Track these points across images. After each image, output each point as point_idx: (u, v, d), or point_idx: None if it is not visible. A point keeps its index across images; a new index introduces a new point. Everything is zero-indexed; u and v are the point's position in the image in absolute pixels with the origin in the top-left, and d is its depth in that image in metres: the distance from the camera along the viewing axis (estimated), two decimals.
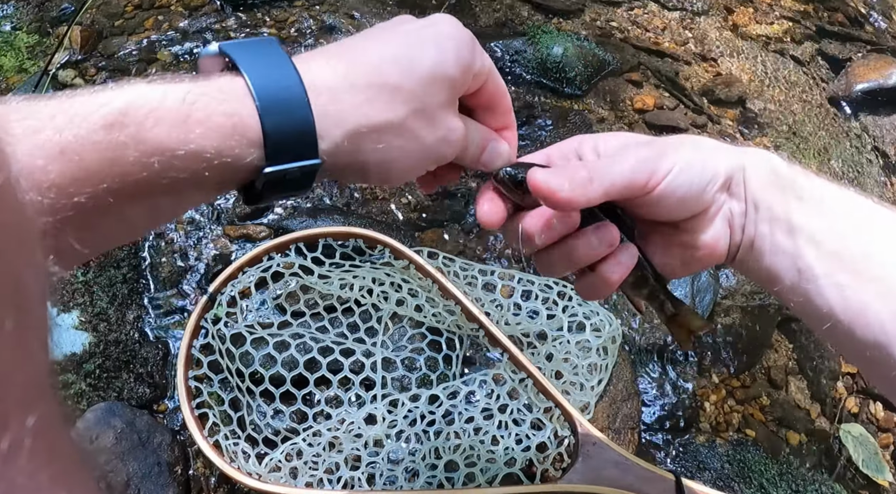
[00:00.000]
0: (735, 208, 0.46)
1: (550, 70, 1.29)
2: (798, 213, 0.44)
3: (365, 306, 0.89)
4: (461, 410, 0.84)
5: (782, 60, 1.58)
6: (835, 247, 0.43)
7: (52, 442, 0.27)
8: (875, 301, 0.41)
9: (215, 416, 0.83)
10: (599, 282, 0.47)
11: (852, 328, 0.42)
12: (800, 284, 0.44)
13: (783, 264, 0.44)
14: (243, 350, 0.84)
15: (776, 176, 0.45)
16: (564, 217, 0.45)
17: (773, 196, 0.45)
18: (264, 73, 0.37)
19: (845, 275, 0.42)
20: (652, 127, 1.31)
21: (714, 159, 0.45)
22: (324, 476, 0.80)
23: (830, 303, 0.43)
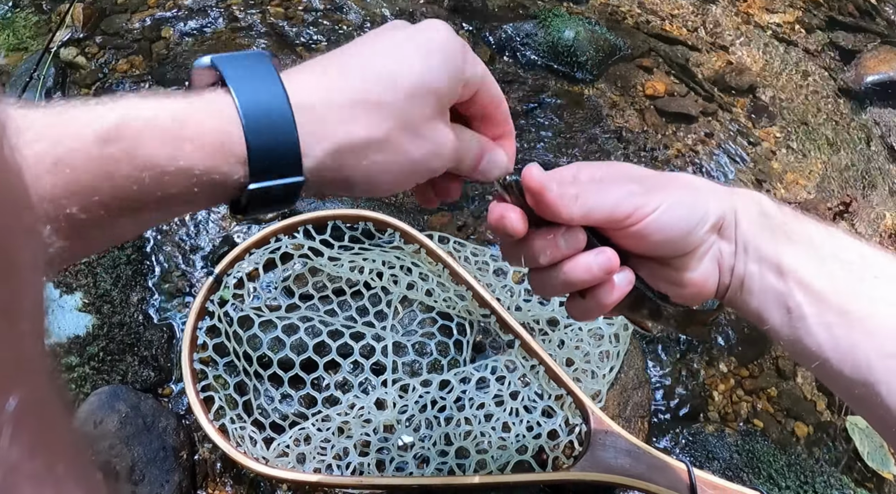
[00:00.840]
0: (725, 248, 0.47)
1: (561, 54, 1.27)
2: (787, 254, 0.45)
3: (374, 290, 0.87)
4: (472, 396, 0.82)
5: (793, 50, 1.56)
6: (823, 287, 0.44)
7: (41, 430, 0.25)
8: (863, 341, 0.42)
9: (221, 400, 0.82)
10: (592, 305, 0.47)
11: (841, 366, 0.43)
12: (789, 322, 0.45)
13: (773, 304, 0.45)
14: (251, 333, 0.82)
15: (765, 218, 0.46)
16: (571, 237, 0.45)
17: (763, 237, 0.46)
18: (252, 91, 0.37)
19: (833, 315, 0.43)
20: (663, 113, 1.29)
21: (705, 201, 0.46)
22: (332, 461, 0.78)
23: (819, 342, 0.43)
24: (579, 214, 0.44)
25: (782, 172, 1.35)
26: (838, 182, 1.38)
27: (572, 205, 0.44)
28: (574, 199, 0.44)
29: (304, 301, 0.87)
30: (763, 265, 0.45)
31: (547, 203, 0.43)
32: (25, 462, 0.23)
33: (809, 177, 1.36)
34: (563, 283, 0.46)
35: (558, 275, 0.46)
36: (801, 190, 1.34)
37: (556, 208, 0.43)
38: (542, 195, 0.43)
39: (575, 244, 0.45)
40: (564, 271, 0.45)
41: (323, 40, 1.25)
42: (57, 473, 0.25)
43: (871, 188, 1.41)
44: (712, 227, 0.46)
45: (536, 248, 0.45)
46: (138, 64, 1.18)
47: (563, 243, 0.45)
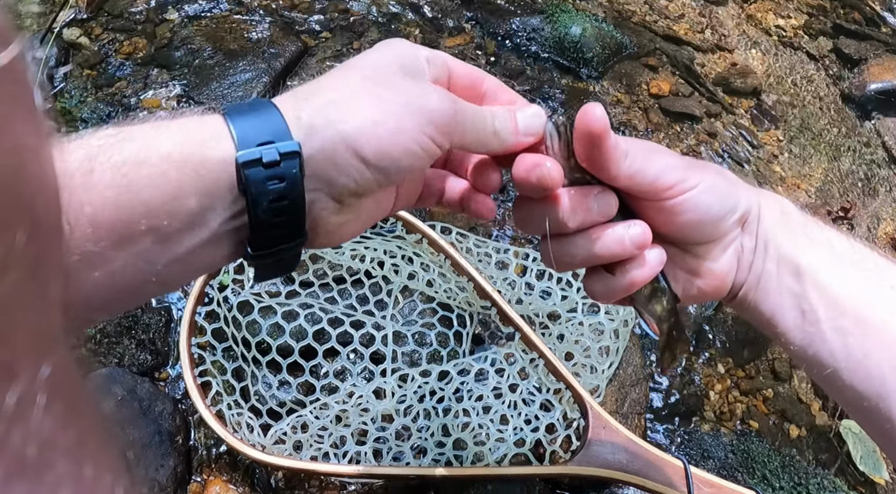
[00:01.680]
0: (747, 243, 0.45)
1: (568, 50, 1.27)
2: (806, 255, 0.44)
3: (375, 279, 0.87)
4: (471, 387, 0.82)
5: (798, 55, 1.56)
6: (841, 292, 0.42)
7: (71, 401, 0.23)
8: (877, 351, 0.41)
9: (218, 385, 0.81)
10: (621, 282, 0.44)
11: (852, 376, 0.42)
12: (803, 326, 0.43)
13: (787, 305, 0.44)
14: (250, 319, 0.82)
15: (787, 218, 0.45)
16: (604, 201, 0.42)
17: (784, 236, 0.45)
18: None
19: (849, 321, 0.42)
20: (667, 113, 1.29)
21: (736, 191, 0.44)
22: (329, 449, 0.78)
23: (832, 348, 0.42)
24: (627, 173, 0.40)
25: (784, 176, 1.35)
26: (839, 188, 1.38)
27: (623, 161, 0.40)
28: (624, 155, 0.40)
29: (305, 288, 0.87)
30: (781, 264, 0.44)
31: (603, 151, 0.39)
32: (59, 435, 0.22)
33: (810, 181, 1.37)
34: (589, 253, 0.42)
35: (585, 244, 0.42)
36: (802, 194, 1.35)
37: (608, 159, 0.40)
38: (602, 139, 0.39)
39: (607, 210, 0.42)
40: (593, 240, 0.42)
41: (328, 28, 1.24)
42: (89, 448, 0.24)
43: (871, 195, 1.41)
44: (740, 218, 0.44)
45: (566, 209, 0.41)
46: (142, 47, 1.18)
47: (596, 207, 0.42)
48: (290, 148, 0.36)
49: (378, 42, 0.41)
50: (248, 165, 0.36)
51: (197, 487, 0.81)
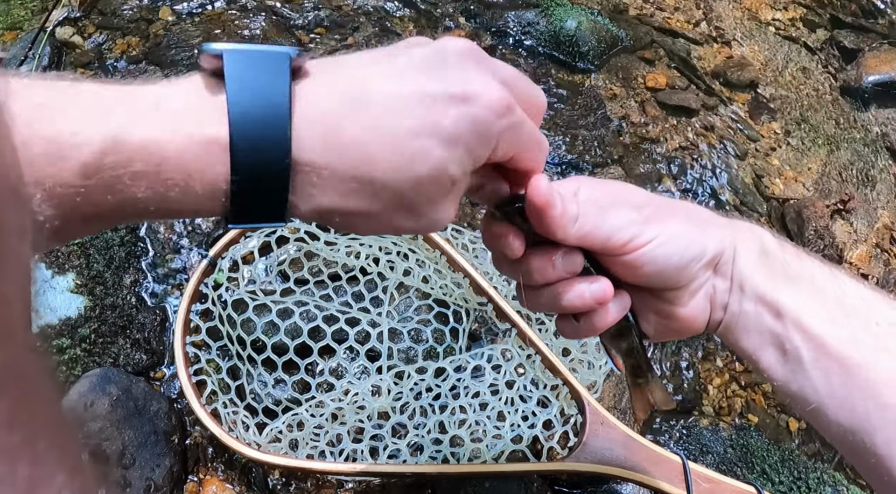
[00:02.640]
0: (719, 285, 0.45)
1: (563, 44, 1.26)
2: (786, 295, 0.43)
3: (370, 276, 0.86)
4: (467, 384, 0.81)
5: (795, 47, 1.56)
6: (823, 331, 0.42)
7: (21, 403, 0.23)
8: (861, 389, 0.41)
9: (213, 384, 0.81)
10: (584, 328, 0.46)
11: (837, 413, 0.42)
12: (784, 365, 0.43)
13: (768, 344, 0.44)
14: (245, 317, 0.81)
15: (766, 256, 0.45)
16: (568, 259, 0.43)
17: (762, 275, 0.44)
18: (252, 133, 0.33)
19: (832, 361, 0.42)
20: (663, 106, 1.29)
21: (703, 236, 0.44)
22: (325, 447, 0.78)
23: (816, 386, 0.42)
24: (576, 236, 0.42)
25: (781, 169, 1.34)
26: (837, 180, 1.38)
27: (570, 226, 0.42)
28: (573, 220, 0.42)
29: (300, 286, 0.86)
30: (760, 305, 0.44)
31: (549, 222, 0.41)
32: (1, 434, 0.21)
33: (808, 174, 1.36)
34: (554, 305, 0.45)
35: (550, 296, 0.44)
36: (800, 187, 1.34)
37: (555, 228, 0.41)
38: (545, 211, 0.41)
39: (571, 267, 0.44)
40: (558, 294, 0.44)
41: (321, 24, 1.23)
42: (36, 449, 0.23)
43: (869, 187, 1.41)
44: (708, 263, 0.44)
45: (532, 267, 0.43)
46: (135, 44, 1.17)
47: (561, 265, 0.43)
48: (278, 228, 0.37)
49: (371, 40, 0.41)
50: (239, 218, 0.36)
51: (193, 486, 0.81)
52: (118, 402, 0.81)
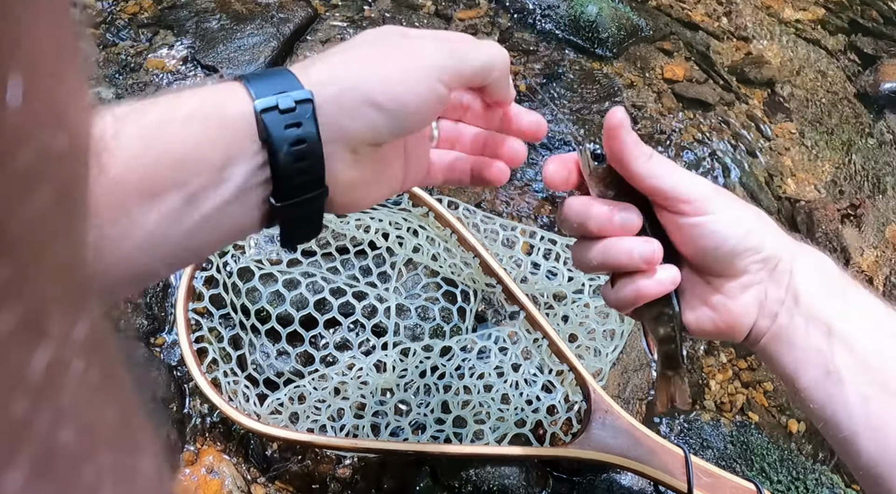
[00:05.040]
0: (772, 292, 0.45)
1: (583, 29, 1.24)
2: (840, 317, 0.44)
3: (379, 250, 0.85)
4: (473, 365, 0.80)
5: (814, 49, 1.54)
6: (870, 358, 0.43)
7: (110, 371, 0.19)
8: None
9: (215, 352, 0.80)
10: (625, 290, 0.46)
11: (869, 443, 0.42)
12: (825, 386, 0.43)
13: (812, 362, 0.44)
14: (250, 286, 0.80)
15: (826, 277, 0.45)
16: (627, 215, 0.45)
17: (819, 294, 0.45)
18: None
19: (874, 387, 0.42)
20: (680, 98, 1.27)
21: (763, 232, 0.45)
22: (326, 422, 0.76)
23: (852, 412, 0.42)
24: (646, 172, 0.43)
25: (794, 170, 1.33)
26: (849, 184, 1.37)
27: (643, 159, 0.43)
28: (648, 157, 0.43)
29: (307, 257, 0.85)
30: (811, 322, 0.44)
31: (623, 144, 0.42)
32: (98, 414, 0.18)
33: (820, 176, 1.35)
34: (601, 258, 0.45)
35: (599, 248, 0.45)
36: (812, 188, 1.33)
37: (629, 153, 0.43)
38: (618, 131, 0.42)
39: (629, 224, 0.45)
40: (607, 247, 0.45)
41: None
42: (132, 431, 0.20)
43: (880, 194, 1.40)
44: (763, 261, 0.44)
45: (592, 213, 0.45)
46: (147, 6, 1.15)
47: (618, 219, 0.45)
48: (303, 96, 0.38)
49: (387, 13, 0.45)
50: (265, 111, 0.37)
51: (190, 456, 0.80)
52: None
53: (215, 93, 0.39)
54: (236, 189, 0.38)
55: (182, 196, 0.36)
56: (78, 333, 0.17)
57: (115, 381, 0.20)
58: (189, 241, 0.38)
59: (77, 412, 0.17)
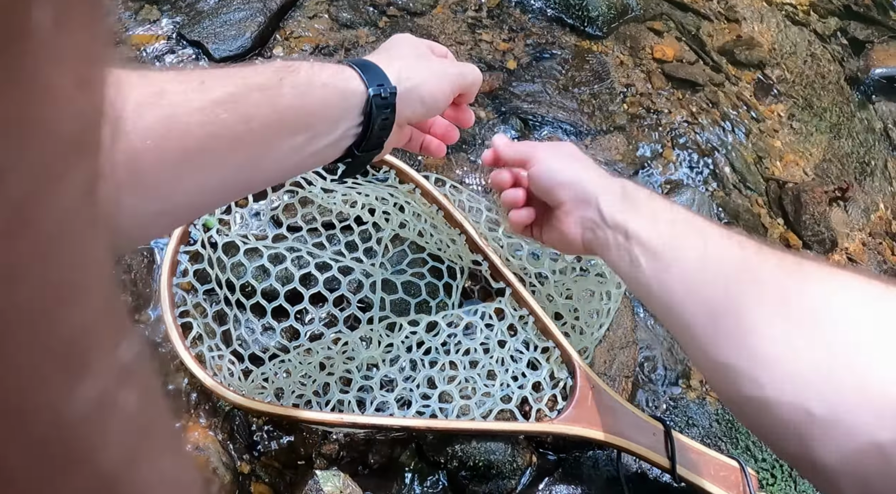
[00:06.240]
0: (586, 214, 0.65)
1: (573, 7, 1.23)
2: (633, 221, 0.61)
3: (366, 226, 0.84)
4: (459, 340, 0.80)
5: (805, 32, 1.54)
6: (654, 244, 0.59)
7: (150, 392, 0.19)
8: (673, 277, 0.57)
9: (199, 327, 0.79)
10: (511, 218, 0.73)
11: (661, 298, 0.57)
12: (631, 270, 0.60)
13: (622, 257, 0.61)
14: (235, 260, 0.79)
15: (624, 196, 0.64)
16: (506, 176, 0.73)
17: (616, 210, 0.63)
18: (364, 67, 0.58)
19: (658, 261, 0.58)
20: (670, 78, 1.27)
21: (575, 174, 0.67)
22: (312, 397, 0.76)
23: (649, 281, 0.58)
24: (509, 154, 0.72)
25: (782, 151, 1.33)
26: (837, 168, 1.37)
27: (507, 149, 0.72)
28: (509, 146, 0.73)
29: (292, 233, 0.84)
30: (616, 230, 0.62)
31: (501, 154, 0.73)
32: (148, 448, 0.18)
33: (809, 159, 1.35)
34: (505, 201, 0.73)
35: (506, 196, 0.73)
36: (799, 171, 1.33)
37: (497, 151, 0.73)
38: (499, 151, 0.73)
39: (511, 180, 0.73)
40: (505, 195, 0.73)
41: None
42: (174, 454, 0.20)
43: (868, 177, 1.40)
44: (575, 193, 0.66)
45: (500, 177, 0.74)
46: None
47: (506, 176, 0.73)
48: (393, 89, 0.57)
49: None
50: (374, 97, 0.56)
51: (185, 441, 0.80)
52: None
53: (339, 72, 0.55)
54: (338, 137, 0.55)
55: (308, 135, 0.51)
56: (124, 354, 0.16)
57: (154, 401, 0.19)
58: (299, 164, 0.54)
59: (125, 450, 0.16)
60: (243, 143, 0.46)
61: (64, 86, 0.14)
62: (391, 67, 0.59)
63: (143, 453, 0.18)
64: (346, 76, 0.56)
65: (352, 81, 0.56)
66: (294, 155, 0.52)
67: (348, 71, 0.56)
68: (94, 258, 0.16)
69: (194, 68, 0.69)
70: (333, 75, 0.55)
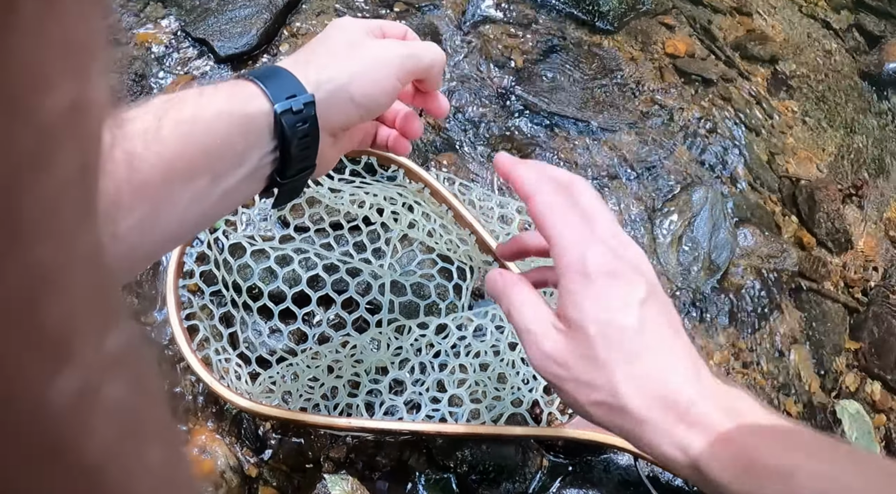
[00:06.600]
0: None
1: (583, 2, 1.21)
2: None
3: (374, 226, 0.83)
4: (469, 343, 0.79)
5: (818, 26, 1.51)
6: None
7: (144, 384, 0.18)
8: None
9: (206, 330, 0.78)
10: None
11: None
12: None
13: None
14: (242, 262, 0.78)
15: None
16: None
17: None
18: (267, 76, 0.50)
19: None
20: (681, 74, 1.25)
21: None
22: (320, 400, 0.75)
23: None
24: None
25: (796, 148, 1.31)
26: (851, 164, 1.35)
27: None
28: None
29: (300, 233, 0.83)
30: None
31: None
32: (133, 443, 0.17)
33: (823, 156, 1.33)
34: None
35: None
36: (813, 168, 1.31)
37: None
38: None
39: None
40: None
41: None
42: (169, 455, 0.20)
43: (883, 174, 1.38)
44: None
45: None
46: None
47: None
48: (309, 99, 0.49)
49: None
50: (283, 113, 0.47)
51: (182, 436, 0.79)
52: None
53: (237, 92, 0.48)
54: (251, 169, 0.48)
55: (210, 177, 0.45)
56: (111, 343, 0.15)
57: (149, 394, 0.19)
58: (208, 211, 0.47)
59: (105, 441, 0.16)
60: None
61: (49, 71, 0.13)
62: (308, 68, 0.50)
63: (130, 444, 0.18)
64: (246, 96, 0.47)
65: (253, 101, 0.47)
66: (197, 205, 0.45)
67: (248, 87, 0.48)
68: (82, 246, 0.15)
69: None
70: (229, 99, 0.46)
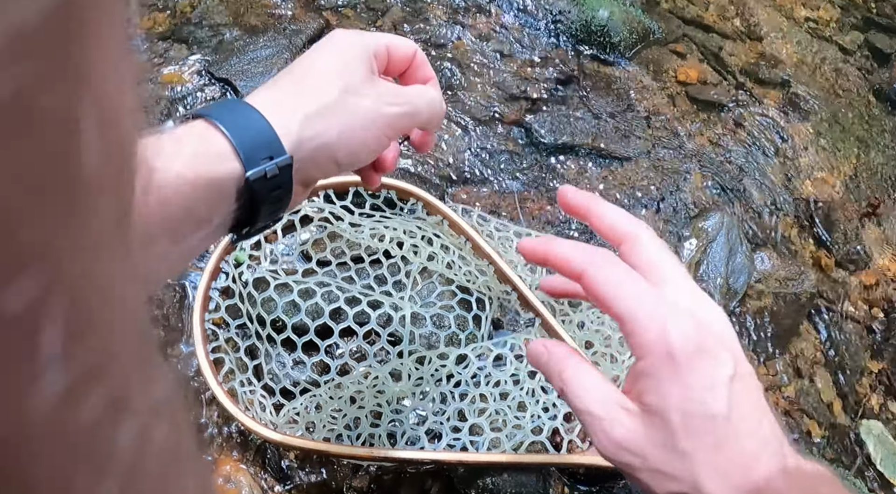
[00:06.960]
0: None
1: (594, 33, 1.24)
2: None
3: (394, 259, 0.85)
4: (489, 372, 0.80)
5: (828, 47, 1.53)
6: None
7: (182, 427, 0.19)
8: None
9: (231, 362, 0.80)
10: None
11: None
12: None
13: None
14: (266, 296, 0.80)
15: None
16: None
17: None
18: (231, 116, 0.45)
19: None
20: (694, 101, 1.26)
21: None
22: (343, 431, 0.76)
23: None
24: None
25: (811, 170, 1.32)
26: (867, 184, 1.35)
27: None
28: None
29: (322, 267, 0.85)
30: None
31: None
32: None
33: (838, 176, 1.33)
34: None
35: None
36: (829, 188, 1.31)
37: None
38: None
39: None
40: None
41: (350, 5, 1.22)
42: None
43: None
44: None
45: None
46: (161, 21, 1.16)
47: None
48: (286, 162, 0.45)
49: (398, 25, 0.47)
50: (257, 181, 0.44)
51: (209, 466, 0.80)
52: None
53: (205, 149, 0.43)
54: (214, 229, 0.45)
55: (170, 240, 0.42)
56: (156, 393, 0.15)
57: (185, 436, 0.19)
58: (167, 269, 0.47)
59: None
60: None
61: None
62: (293, 116, 0.45)
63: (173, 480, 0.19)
64: (214, 155, 0.42)
65: (222, 164, 0.42)
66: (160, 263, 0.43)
67: (217, 142, 0.43)
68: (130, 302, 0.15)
69: None
70: (194, 158, 0.41)
